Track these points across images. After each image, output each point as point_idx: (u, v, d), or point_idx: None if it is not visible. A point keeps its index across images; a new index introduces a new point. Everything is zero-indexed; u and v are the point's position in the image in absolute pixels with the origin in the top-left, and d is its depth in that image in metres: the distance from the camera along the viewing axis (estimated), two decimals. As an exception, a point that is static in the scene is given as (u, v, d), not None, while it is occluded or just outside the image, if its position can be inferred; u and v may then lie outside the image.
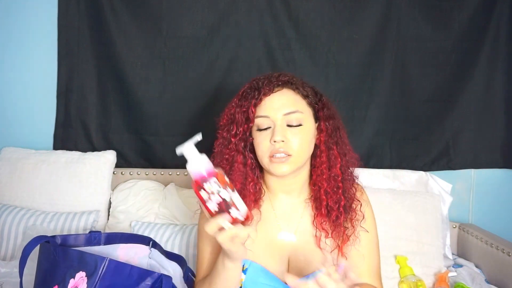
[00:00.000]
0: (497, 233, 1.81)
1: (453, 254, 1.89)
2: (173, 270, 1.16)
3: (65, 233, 1.64)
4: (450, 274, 1.61)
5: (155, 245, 1.19)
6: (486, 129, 1.97)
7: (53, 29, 1.94)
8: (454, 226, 1.94)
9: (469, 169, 2.01)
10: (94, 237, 1.15)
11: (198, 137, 0.83)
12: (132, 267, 0.98)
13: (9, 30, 1.97)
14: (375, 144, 1.98)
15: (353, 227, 1.05)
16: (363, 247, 1.06)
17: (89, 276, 0.95)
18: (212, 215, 0.82)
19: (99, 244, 1.15)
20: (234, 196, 0.81)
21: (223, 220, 0.80)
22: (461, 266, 1.74)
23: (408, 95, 1.97)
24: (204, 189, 0.80)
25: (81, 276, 0.95)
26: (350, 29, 1.95)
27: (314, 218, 1.06)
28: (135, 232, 1.69)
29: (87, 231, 1.67)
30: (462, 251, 1.90)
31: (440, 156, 1.98)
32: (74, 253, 0.98)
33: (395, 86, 1.97)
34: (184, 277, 1.18)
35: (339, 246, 1.03)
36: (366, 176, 1.87)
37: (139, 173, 1.94)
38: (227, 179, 0.82)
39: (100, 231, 1.18)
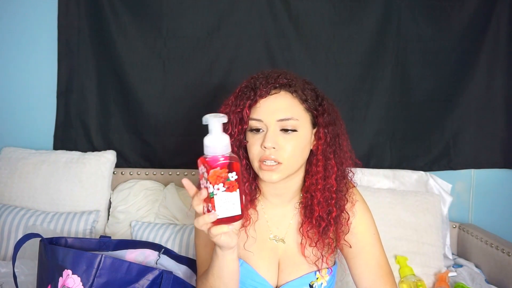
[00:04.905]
0: (497, 233, 1.81)
1: (453, 254, 1.89)
2: (183, 273, 1.16)
3: (65, 233, 1.64)
4: (450, 274, 1.61)
5: (168, 252, 1.19)
6: (486, 129, 1.97)
7: (53, 29, 1.94)
8: (454, 226, 1.94)
9: (469, 169, 2.00)
10: (103, 242, 1.15)
11: (225, 118, 0.79)
12: (130, 263, 0.98)
13: (9, 30, 1.97)
14: (375, 144, 1.98)
15: (339, 238, 1.03)
16: (368, 258, 1.03)
17: (81, 274, 0.95)
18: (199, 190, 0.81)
19: (108, 250, 1.14)
20: (220, 197, 0.77)
21: (197, 203, 0.79)
22: (461, 266, 1.74)
23: (408, 95, 1.97)
24: (200, 167, 0.80)
25: (67, 274, 0.95)
26: (350, 29, 1.95)
27: (301, 225, 1.04)
28: (134, 232, 1.69)
29: (88, 231, 1.69)
30: (462, 251, 1.90)
31: (440, 156, 1.98)
32: (60, 251, 0.98)
33: (395, 86, 1.97)
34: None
35: (323, 256, 1.02)
36: (366, 176, 1.87)
37: (139, 173, 1.94)
38: (232, 175, 0.78)
39: (110, 236, 1.18)
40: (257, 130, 0.98)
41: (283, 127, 0.96)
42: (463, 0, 1.93)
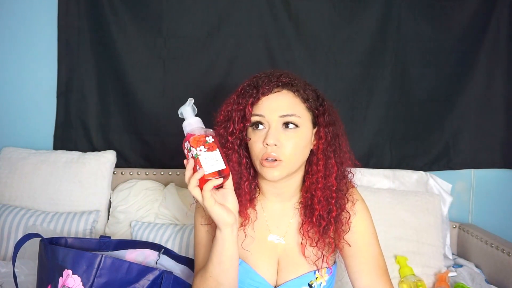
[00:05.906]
0: (497, 233, 1.81)
1: (453, 254, 1.89)
2: (182, 273, 1.16)
3: (65, 233, 1.64)
4: (450, 274, 1.61)
5: (168, 252, 1.19)
6: (486, 129, 1.97)
7: (53, 29, 1.94)
8: (454, 226, 1.94)
9: (469, 169, 2.01)
10: (103, 242, 1.15)
11: (191, 100, 0.97)
12: (130, 263, 0.98)
13: (9, 30, 1.97)
14: (375, 144, 1.98)
15: (339, 237, 1.03)
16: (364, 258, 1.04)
17: (81, 274, 0.95)
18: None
19: (108, 250, 1.14)
20: (204, 155, 0.90)
21: (188, 174, 0.90)
22: (461, 266, 1.74)
23: (408, 95, 1.97)
24: (184, 145, 0.94)
25: (67, 274, 0.95)
26: (350, 29, 1.95)
27: (302, 225, 1.04)
28: (134, 232, 1.69)
29: (88, 231, 1.69)
30: (462, 251, 1.90)
31: (440, 156, 1.98)
32: (60, 251, 0.98)
33: (395, 86, 1.97)
34: None
35: (323, 256, 1.03)
36: (366, 176, 1.87)
37: (139, 173, 1.94)
38: (209, 139, 0.91)
39: (110, 236, 1.18)
40: (258, 125, 0.99)
41: (285, 122, 0.97)
42: (463, 0, 1.93)
